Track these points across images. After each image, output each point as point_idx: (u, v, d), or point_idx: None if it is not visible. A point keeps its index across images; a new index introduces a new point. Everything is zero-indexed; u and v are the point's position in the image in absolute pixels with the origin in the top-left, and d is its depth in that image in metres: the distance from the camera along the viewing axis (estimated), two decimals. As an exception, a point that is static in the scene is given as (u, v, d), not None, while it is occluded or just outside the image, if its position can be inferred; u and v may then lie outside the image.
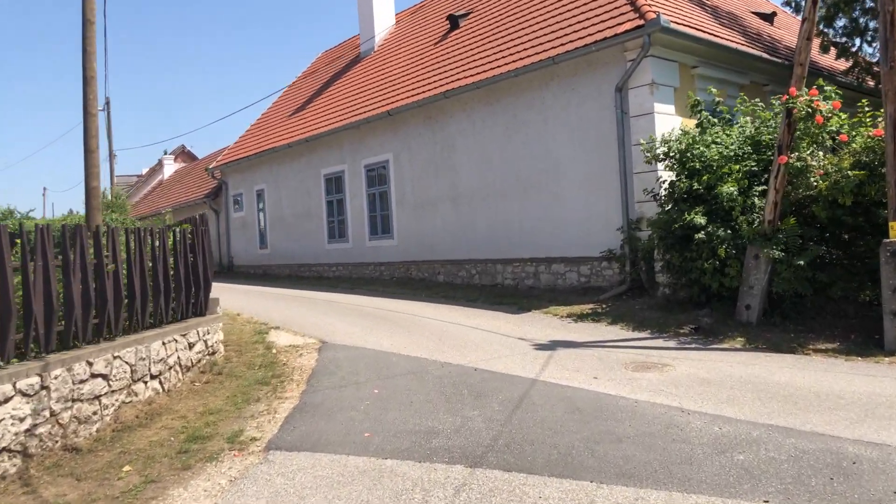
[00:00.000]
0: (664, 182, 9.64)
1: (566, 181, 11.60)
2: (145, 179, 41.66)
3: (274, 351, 8.02)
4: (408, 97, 14.68)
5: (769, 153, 8.69)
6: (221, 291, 15.49)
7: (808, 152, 7.94)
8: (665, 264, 9.44)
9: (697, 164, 8.85)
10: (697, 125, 9.43)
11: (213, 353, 7.34)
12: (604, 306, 9.90)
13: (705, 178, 8.65)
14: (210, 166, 23.68)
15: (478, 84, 12.58)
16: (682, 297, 9.39)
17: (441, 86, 13.76)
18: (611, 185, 10.89)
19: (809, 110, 7.70)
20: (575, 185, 11.46)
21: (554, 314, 9.68)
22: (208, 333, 7.23)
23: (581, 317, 9.35)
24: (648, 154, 9.42)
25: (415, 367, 6.91)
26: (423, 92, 14.21)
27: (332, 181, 17.78)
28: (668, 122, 10.20)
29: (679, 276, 9.26)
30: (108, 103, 35.77)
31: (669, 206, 9.39)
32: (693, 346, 7.51)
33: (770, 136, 8.72)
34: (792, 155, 7.90)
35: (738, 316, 8.27)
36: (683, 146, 8.94)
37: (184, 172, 34.49)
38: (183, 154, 41.73)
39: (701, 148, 8.86)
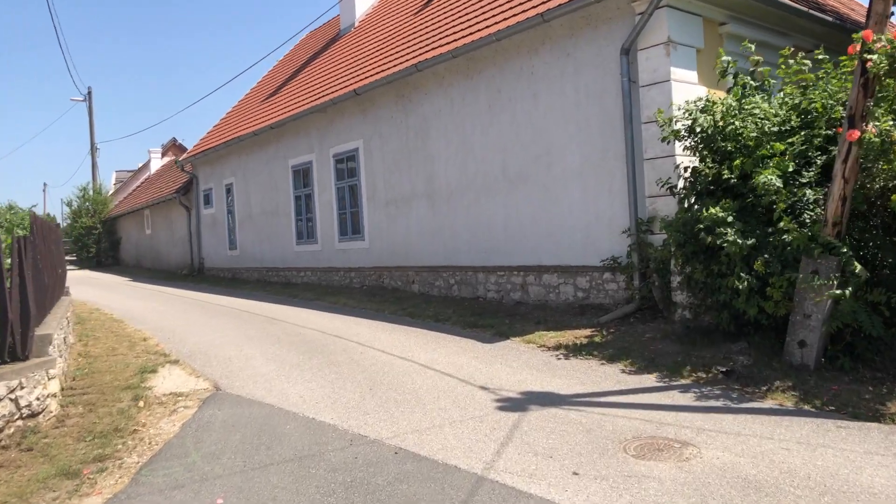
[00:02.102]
0: (685, 169, 7.29)
1: (560, 170, 9.27)
2: (135, 174, 39.80)
3: (141, 404, 5.80)
4: (377, 73, 12.40)
5: (824, 128, 6.33)
6: (170, 303, 13.41)
7: (892, 123, 5.55)
8: (685, 279, 7.10)
9: (730, 146, 6.49)
10: (731, 92, 7.04)
11: (34, 415, 5.13)
12: (604, 333, 7.57)
13: (737, 162, 6.30)
14: (180, 158, 21.57)
15: (454, 52, 10.26)
16: (706, 325, 7.04)
17: (413, 58, 11.46)
18: (615, 174, 8.55)
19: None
20: (571, 174, 9.13)
21: (538, 344, 7.38)
22: (22, 388, 5.01)
23: (573, 349, 7.03)
24: (665, 130, 7.06)
25: (310, 444, 4.65)
26: (394, 66, 11.93)
27: (300, 173, 15.56)
28: (690, 92, 7.83)
29: (703, 296, 6.92)
30: (89, 93, 34.01)
31: (691, 202, 7.05)
32: (725, 403, 5.18)
33: (828, 102, 6.34)
34: (867, 128, 5.52)
35: (788, 356, 5.92)
36: (718, 117, 6.58)
37: (168, 167, 32.51)
38: (174, 147, 39.74)
39: (736, 123, 6.49)
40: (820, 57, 6.84)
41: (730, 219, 6.10)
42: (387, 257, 12.78)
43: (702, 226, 6.29)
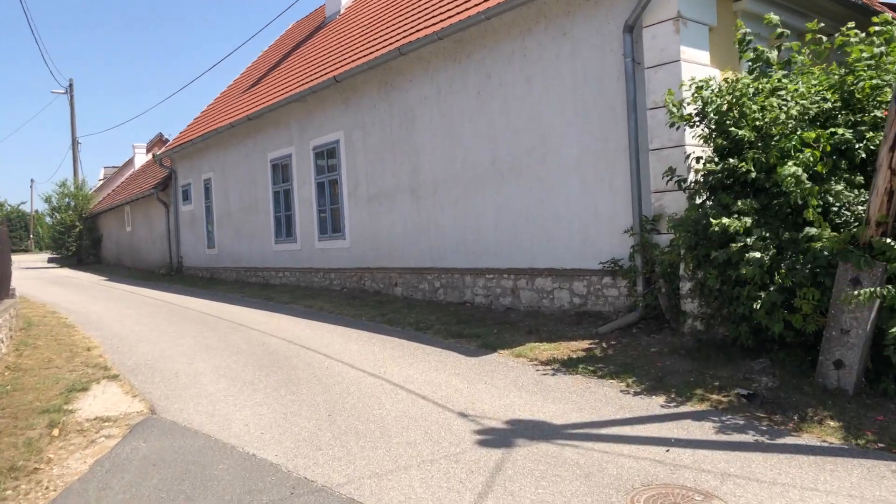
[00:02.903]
0: (696, 160, 6.40)
1: (556, 162, 8.38)
2: (119, 170, 38.76)
3: (55, 432, 4.88)
4: (359, 59, 11.48)
5: (870, 110, 5.46)
6: (136, 305, 12.07)
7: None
8: (696, 286, 6.21)
9: (746, 132, 5.59)
10: (751, 71, 6.15)
11: (-89, 452, 4.20)
12: (604, 346, 6.68)
13: (751, 154, 5.42)
14: (158, 152, 20.59)
15: (440, 34, 9.34)
16: (721, 338, 6.16)
17: (397, 41, 10.54)
18: (617, 167, 7.66)
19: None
20: (568, 167, 8.23)
21: (529, 358, 6.48)
22: None
23: (568, 365, 6.13)
24: (674, 113, 6.17)
25: (241, 493, 3.74)
26: (377, 50, 11.01)
27: (278, 167, 14.63)
28: (701, 75, 6.93)
29: (718, 306, 6.03)
30: (70, 86, 32.96)
31: (703, 198, 6.16)
32: (753, 438, 4.29)
33: (878, 82, 5.46)
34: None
35: (821, 377, 5.04)
36: (736, 97, 5.69)
37: (152, 162, 31.51)
38: (160, 143, 38.64)
39: (756, 105, 5.60)
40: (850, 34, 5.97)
41: (748, 222, 5.21)
42: (369, 258, 11.87)
43: (717, 228, 5.40)
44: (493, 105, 9.21)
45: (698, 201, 6.16)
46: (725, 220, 5.18)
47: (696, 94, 5.94)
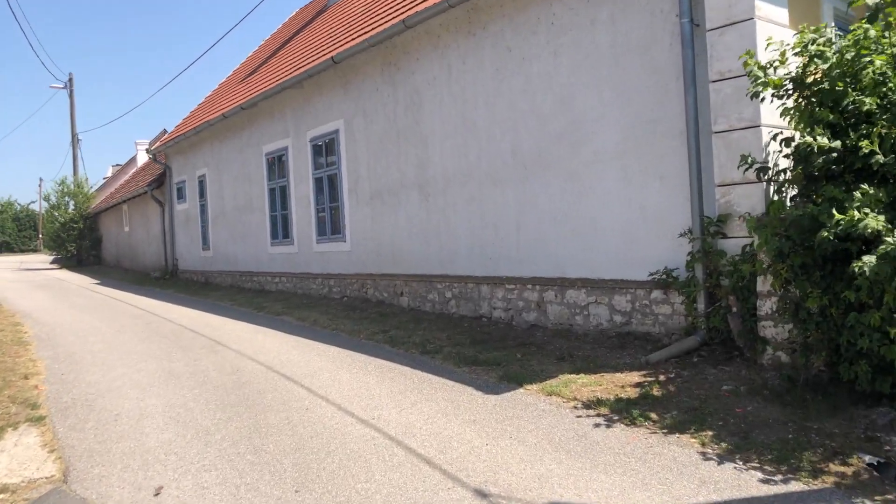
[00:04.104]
0: (783, 142, 4.93)
1: (591, 151, 6.95)
2: (123, 168, 37.68)
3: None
4: (359, 36, 10.09)
5: None
6: (114, 316, 10.53)
7: None
8: (785, 306, 4.76)
9: (867, 101, 4.13)
10: (870, 20, 4.66)
11: None
12: (660, 380, 5.24)
13: (877, 129, 3.97)
14: (152, 147, 19.33)
15: (451, 1, 7.93)
16: (816, 375, 4.70)
17: (402, 13, 9.14)
18: (668, 155, 6.22)
19: None
20: (606, 156, 6.80)
21: (566, 397, 5.05)
22: None
23: (618, 408, 4.70)
24: (760, 77, 4.71)
25: None
26: (379, 26, 9.61)
27: (274, 162, 13.30)
28: (779, 37, 5.46)
29: (820, 334, 4.57)
30: (70, 80, 31.89)
31: (797, 191, 4.71)
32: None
33: None
34: None
35: None
36: (852, 55, 4.23)
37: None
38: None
39: (876, 62, 4.15)
40: None
41: (881, 221, 3.77)
42: (371, 263, 10.49)
43: (830, 233, 3.94)
44: (513, 84, 7.79)
45: (789, 195, 4.71)
46: (859, 216, 3.73)
47: (801, 51, 4.47)
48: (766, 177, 5.00)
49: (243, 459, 4.12)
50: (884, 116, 4.08)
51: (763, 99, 4.92)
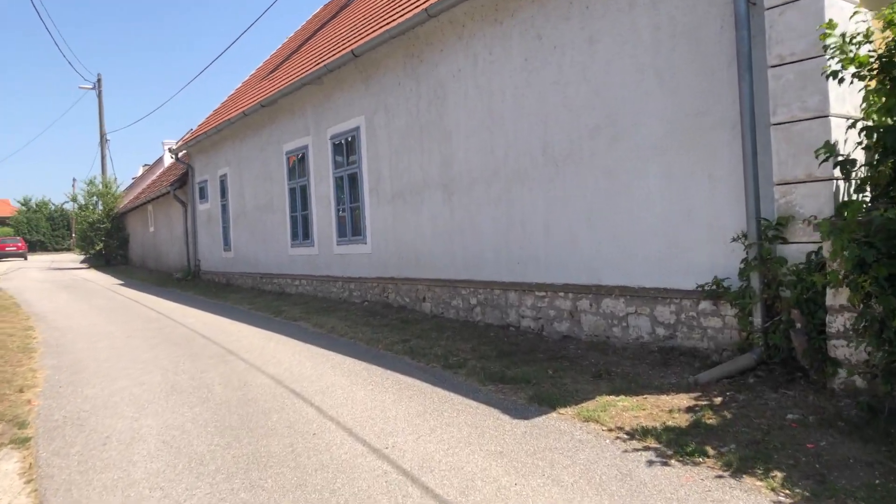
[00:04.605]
0: (866, 131, 4.25)
1: (630, 146, 6.32)
2: (151, 168, 37.86)
3: None
4: (380, 28, 9.58)
5: None
6: (127, 320, 10.24)
7: None
8: (867, 325, 4.09)
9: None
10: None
11: None
12: (713, 404, 4.61)
13: None
14: (174, 147, 19.09)
15: (477, -14, 7.36)
16: (907, 404, 4.03)
17: (425, 1, 8.59)
18: (719, 149, 5.57)
19: None
20: (647, 152, 6.17)
21: (606, 425, 4.45)
22: None
23: (668, 440, 4.08)
24: (841, 54, 4.06)
25: None
26: (401, 16, 9.08)
27: (294, 161, 12.87)
28: (848, 16, 4.78)
29: (906, 357, 3.90)
30: (98, 81, 32.03)
31: (879, 190, 4.05)
32: None
33: None
34: None
35: None
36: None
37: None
38: (192, 140, 37.64)
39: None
40: None
41: None
42: (392, 266, 9.97)
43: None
44: (544, 75, 7.19)
45: (872, 195, 4.05)
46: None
47: (886, 26, 3.81)
48: (852, 173, 4.32)
49: (236, 498, 3.61)
50: None
51: (842, 80, 4.25)
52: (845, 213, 4.08)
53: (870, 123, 4.18)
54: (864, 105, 4.19)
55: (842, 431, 4.00)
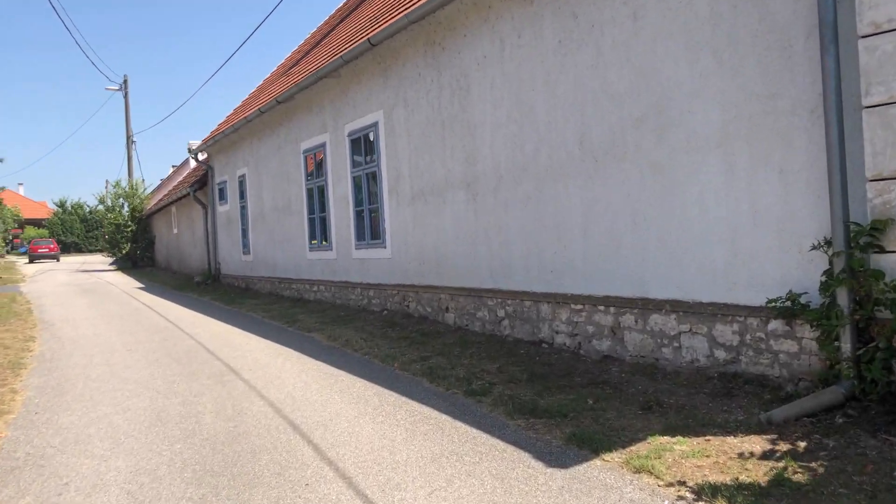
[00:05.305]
0: None
1: (682, 137, 5.43)
2: (177, 169, 37.77)
3: None
4: (398, 13, 8.80)
5: None
6: (138, 329, 9.46)
7: None
8: None
9: None
10: None
11: None
12: (798, 452, 3.72)
13: None
14: (194, 147, 18.62)
15: (503, -40, 6.52)
16: None
17: (446, -18, 7.78)
18: (795, 138, 4.65)
19: None
20: (703, 143, 5.27)
21: (661, 479, 3.59)
22: None
23: (744, 503, 3.22)
24: None
25: None
26: (420, 0, 8.30)
27: (312, 160, 12.20)
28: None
29: None
30: (125, 82, 31.94)
31: None
32: None
33: None
34: None
35: None
36: None
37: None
38: (219, 141, 37.42)
39: None
40: None
41: None
42: (413, 272, 9.19)
43: None
44: (580, 58, 6.33)
45: None
46: None
47: None
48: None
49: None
50: None
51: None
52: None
53: None
54: None
55: (976, 499, 3.08)
